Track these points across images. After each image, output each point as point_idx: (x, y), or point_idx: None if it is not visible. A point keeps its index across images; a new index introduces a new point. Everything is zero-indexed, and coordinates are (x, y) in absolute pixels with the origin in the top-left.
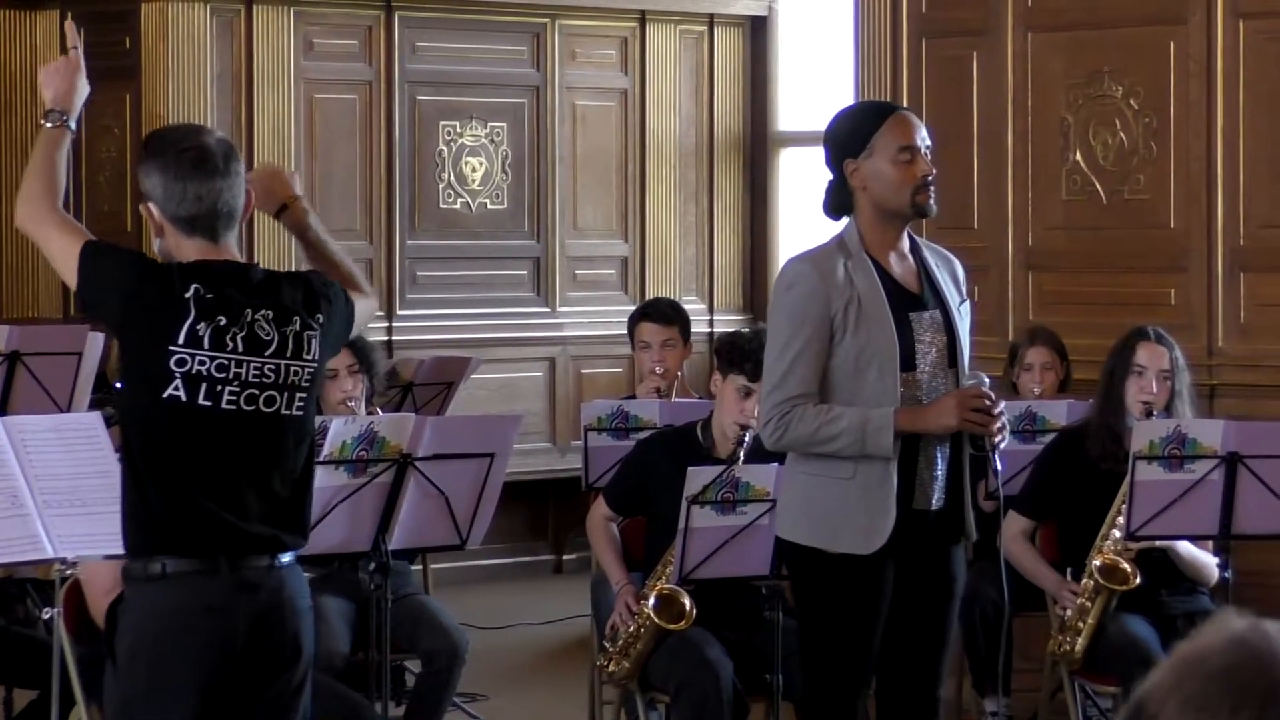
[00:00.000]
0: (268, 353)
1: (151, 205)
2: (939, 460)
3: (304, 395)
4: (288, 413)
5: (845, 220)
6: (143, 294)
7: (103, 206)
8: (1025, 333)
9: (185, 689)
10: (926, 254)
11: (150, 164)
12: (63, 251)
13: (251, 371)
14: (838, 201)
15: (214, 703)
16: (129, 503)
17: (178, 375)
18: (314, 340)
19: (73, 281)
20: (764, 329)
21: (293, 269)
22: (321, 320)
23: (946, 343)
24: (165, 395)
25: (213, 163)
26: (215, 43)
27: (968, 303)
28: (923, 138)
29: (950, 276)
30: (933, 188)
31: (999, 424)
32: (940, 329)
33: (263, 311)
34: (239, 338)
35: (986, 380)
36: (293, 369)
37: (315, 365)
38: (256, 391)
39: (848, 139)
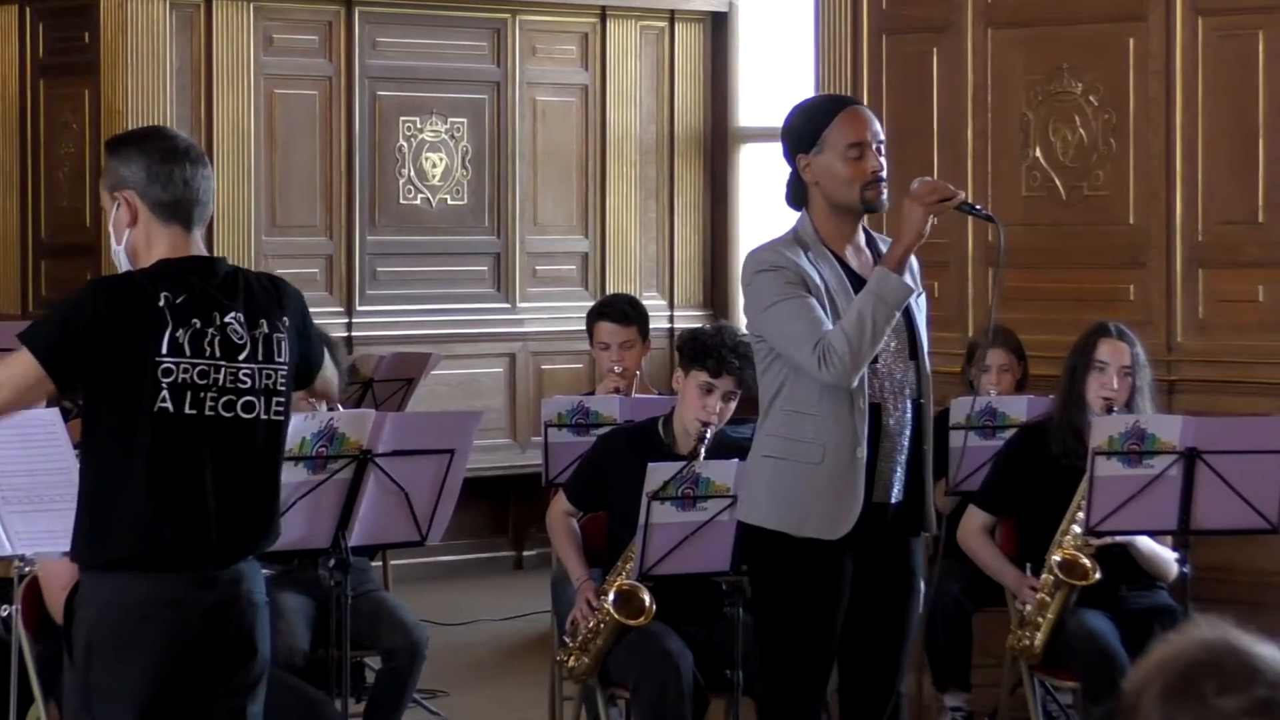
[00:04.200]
0: (242, 357)
1: (128, 193)
2: (899, 453)
3: (281, 400)
4: (266, 418)
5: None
6: (111, 313)
7: (61, 202)
8: (983, 333)
9: (141, 681)
10: (882, 247)
11: (130, 151)
12: (14, 373)
13: (228, 377)
14: (796, 195)
15: (169, 696)
16: (93, 513)
17: (165, 386)
18: (283, 342)
19: (48, 383)
20: (726, 325)
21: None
22: (287, 323)
23: (906, 334)
24: (155, 409)
25: (195, 153)
26: (175, 38)
27: (924, 295)
28: (874, 133)
29: (907, 270)
30: (883, 184)
31: (953, 190)
32: (899, 321)
33: (233, 314)
34: (215, 341)
35: (927, 177)
36: (265, 372)
37: (287, 368)
38: (234, 397)
39: (800, 134)
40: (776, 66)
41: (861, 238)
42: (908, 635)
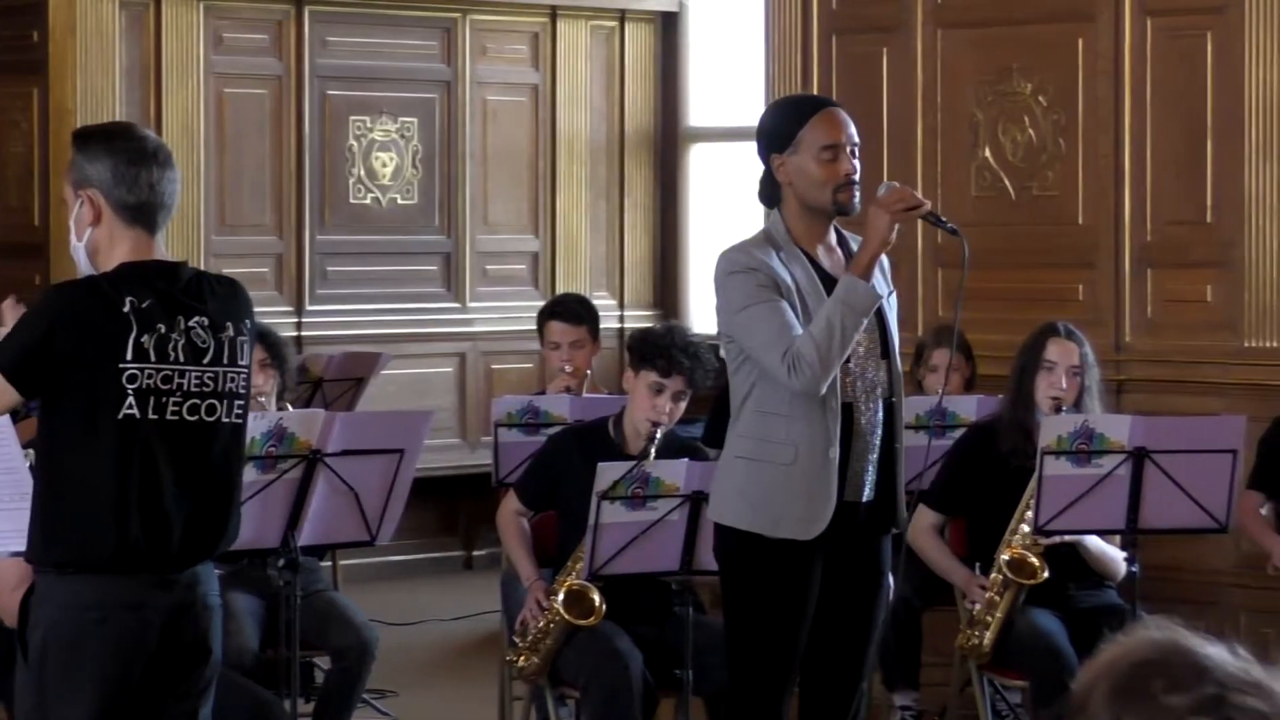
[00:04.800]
0: (205, 360)
1: (93, 191)
2: (871, 452)
3: (241, 403)
4: (228, 420)
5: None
6: (73, 320)
7: (10, 201)
8: (931, 332)
9: (97, 683)
10: (854, 246)
11: (97, 150)
12: None
13: (192, 381)
14: (768, 193)
15: (125, 698)
16: (51, 516)
17: (130, 392)
18: (244, 345)
19: (11, 393)
20: (676, 325)
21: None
22: (249, 326)
23: (878, 334)
24: (120, 416)
25: (163, 154)
26: (124, 37)
27: (894, 294)
28: (849, 135)
29: (879, 269)
30: (856, 186)
31: (920, 198)
32: (871, 320)
33: (198, 318)
34: (179, 346)
35: (895, 183)
36: (229, 375)
37: (247, 371)
38: (198, 401)
39: (775, 134)
40: (727, 66)
41: (833, 237)
42: (873, 633)
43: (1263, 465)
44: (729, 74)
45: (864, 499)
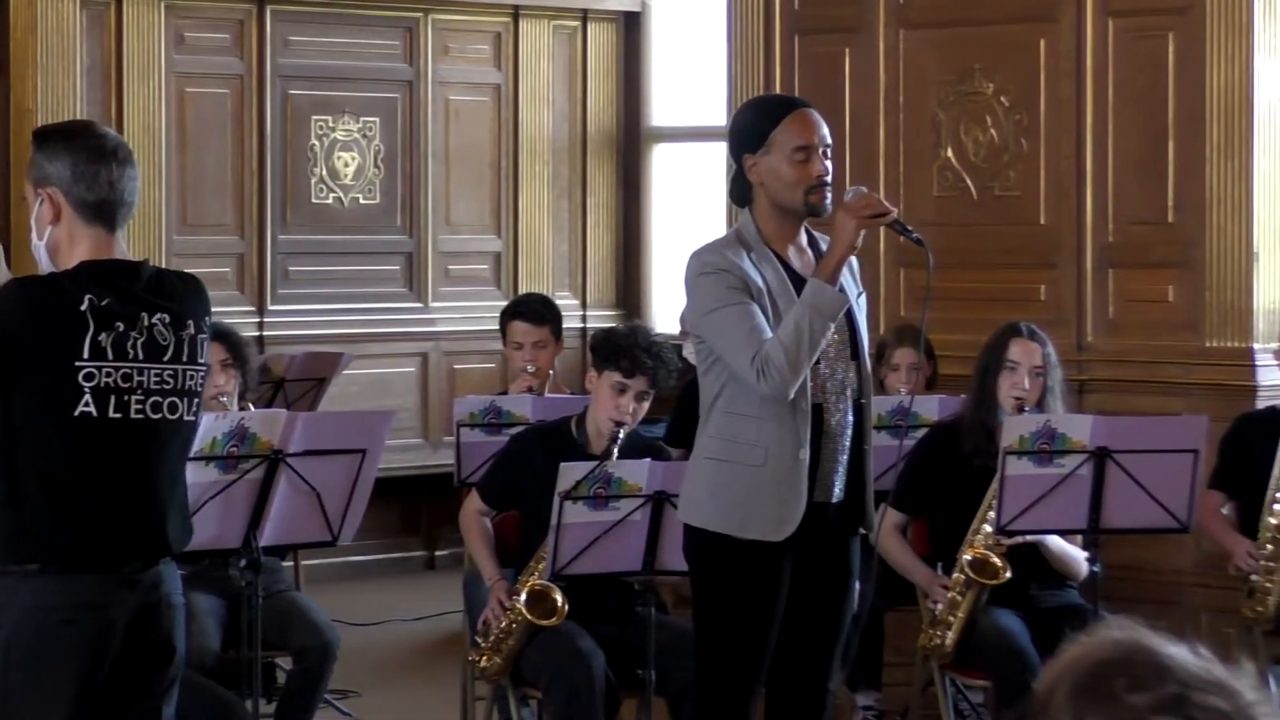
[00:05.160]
0: (165, 358)
1: (52, 190)
2: (841, 453)
3: (197, 400)
4: (190, 419)
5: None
6: (31, 317)
7: None
8: (893, 332)
9: (64, 685)
10: (825, 247)
11: (57, 147)
12: None
13: (153, 379)
14: (739, 192)
15: (92, 699)
16: (11, 515)
17: (87, 390)
18: (204, 343)
19: None
20: (639, 325)
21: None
22: (209, 323)
23: (848, 335)
24: (76, 414)
25: (123, 151)
26: (85, 36)
27: (864, 294)
28: (822, 136)
29: (848, 270)
30: (828, 188)
31: (887, 206)
32: (841, 322)
33: (159, 315)
34: (139, 344)
35: (863, 188)
36: (188, 373)
37: (205, 369)
38: (160, 399)
39: (747, 134)
40: (689, 66)
41: (804, 238)
42: (841, 634)
43: (1224, 465)
44: (691, 74)
45: (833, 500)
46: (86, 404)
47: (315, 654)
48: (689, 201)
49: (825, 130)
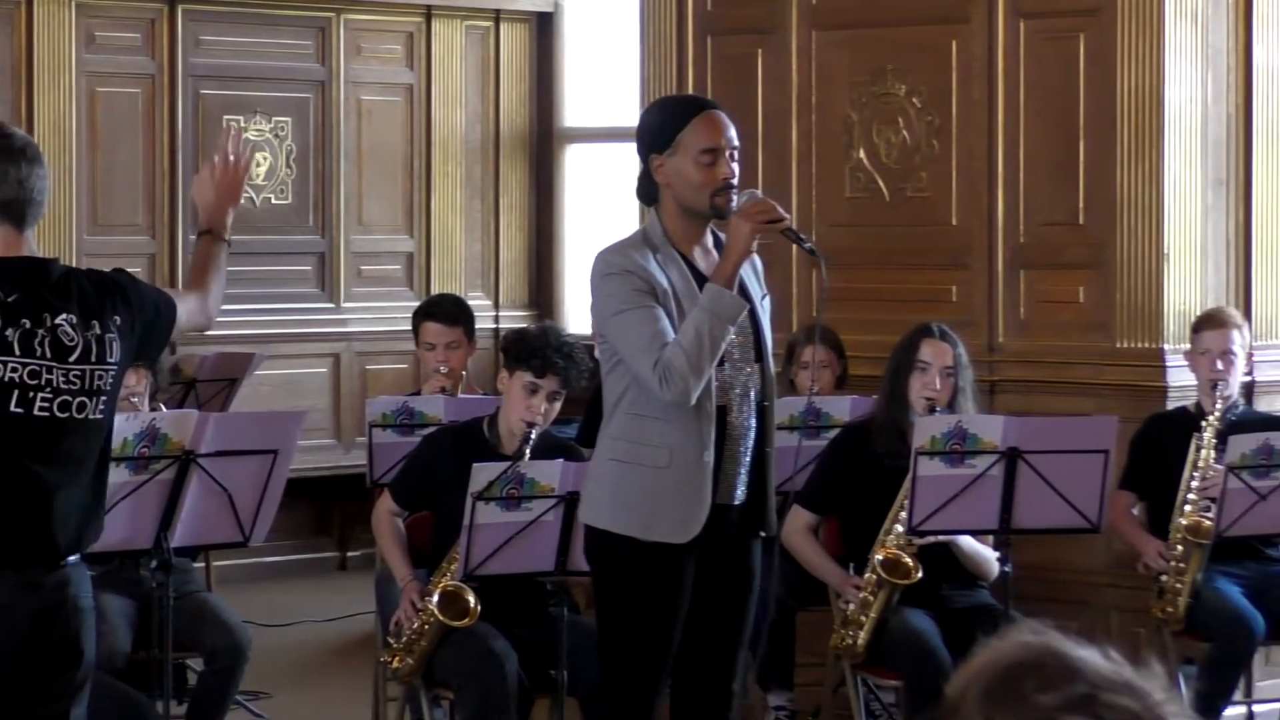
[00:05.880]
0: (72, 359)
1: None
2: (743, 455)
3: (106, 399)
4: (95, 418)
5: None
6: None
7: None
8: (803, 330)
9: None
10: None
11: None
12: None
13: (60, 378)
14: (646, 192)
15: None
16: None
17: None
18: (114, 343)
19: None
20: (551, 325)
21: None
22: (119, 322)
23: (751, 337)
24: None
25: (31, 150)
26: None
27: (768, 297)
28: (729, 139)
29: (752, 272)
30: (734, 191)
31: (781, 212)
32: (745, 324)
33: (65, 315)
34: (45, 342)
35: (757, 192)
36: (96, 373)
37: (116, 368)
38: (70, 398)
39: (654, 134)
40: (602, 67)
41: (710, 239)
42: (744, 636)
43: (1134, 466)
44: (604, 74)
45: (735, 502)
46: None
47: (227, 655)
48: (602, 202)
49: (733, 132)
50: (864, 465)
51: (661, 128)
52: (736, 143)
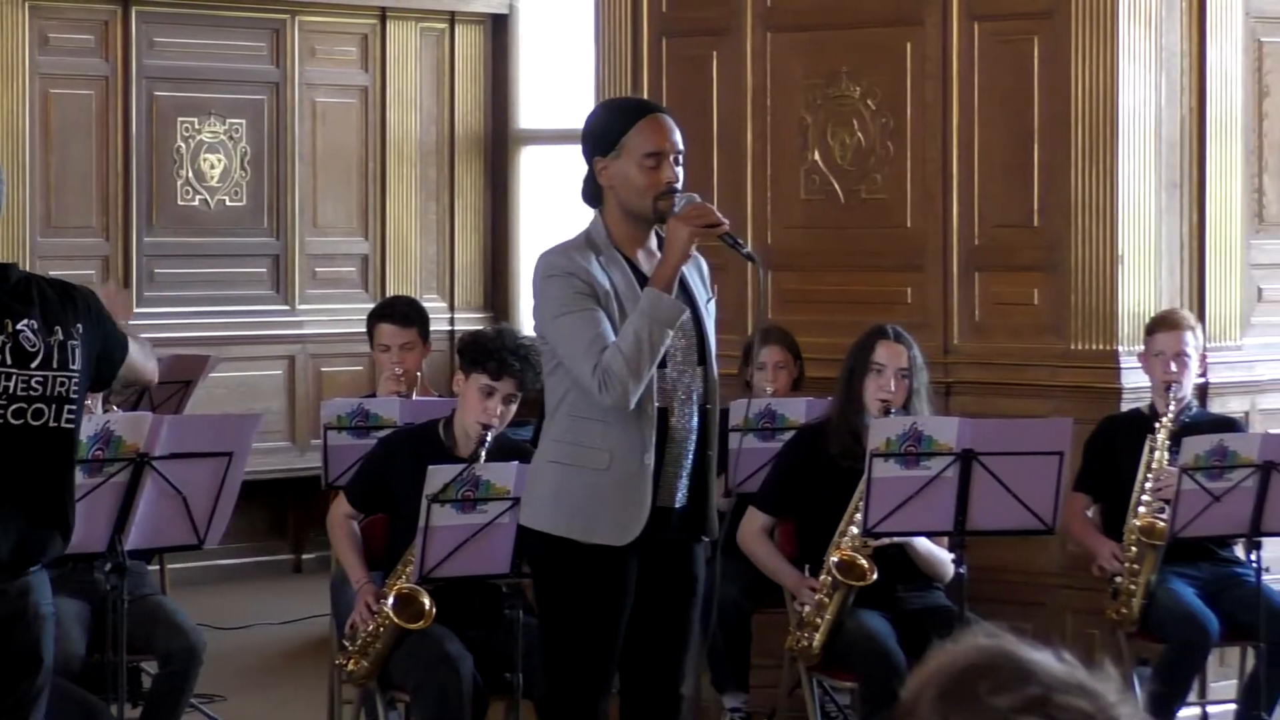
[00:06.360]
0: (34, 365)
1: None
2: (685, 458)
3: (72, 408)
4: (56, 425)
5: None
6: None
7: None
8: (759, 332)
9: None
10: None
11: None
12: None
13: (19, 384)
14: (592, 193)
15: None
16: None
17: None
18: (76, 350)
19: None
20: (506, 328)
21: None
22: (81, 330)
23: (695, 340)
24: None
25: None
26: None
27: (714, 300)
28: (674, 142)
29: (697, 274)
30: (677, 195)
31: (720, 217)
32: (688, 326)
33: (26, 320)
34: (6, 349)
35: (696, 196)
36: (59, 380)
37: (79, 375)
38: (25, 405)
39: (599, 137)
40: (557, 69)
41: (654, 242)
42: (690, 638)
43: (1089, 467)
44: (559, 76)
45: (676, 505)
46: None
47: (181, 658)
48: (557, 204)
49: (677, 136)
50: (819, 467)
51: (606, 130)
52: (681, 147)
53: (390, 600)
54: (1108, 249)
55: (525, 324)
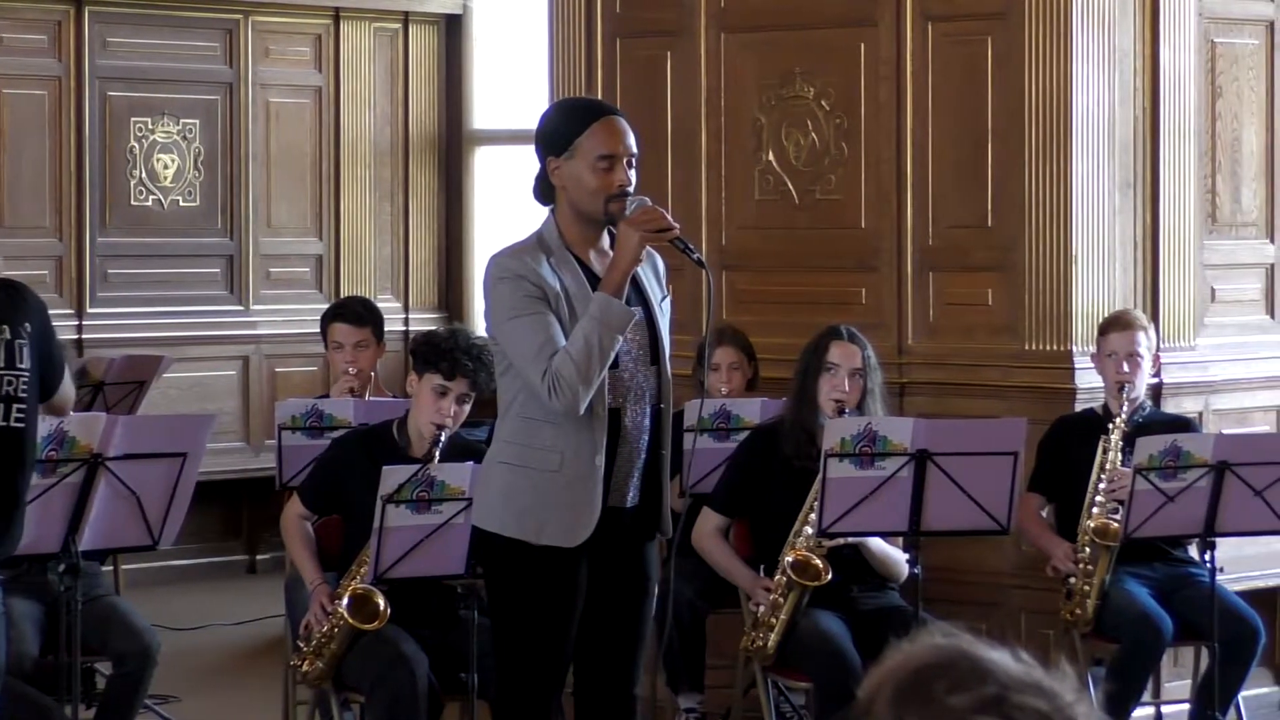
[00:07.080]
0: None
1: None
2: (637, 458)
3: (22, 406)
4: (5, 424)
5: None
6: None
7: None
8: (713, 333)
9: None
10: None
11: None
12: None
13: None
14: (545, 193)
15: None
16: None
17: None
18: (24, 349)
19: None
20: (460, 328)
21: None
22: (29, 329)
23: (648, 339)
24: None
25: None
26: None
27: (668, 299)
28: (628, 145)
29: (652, 273)
30: (629, 198)
31: (670, 222)
32: (642, 326)
33: None
34: None
35: (647, 200)
36: (7, 379)
37: (29, 374)
38: None
39: (552, 137)
40: (511, 69)
41: (606, 242)
42: (642, 639)
43: (1043, 468)
44: (513, 77)
45: (628, 505)
46: None
47: (135, 659)
48: (511, 204)
49: (631, 139)
50: (773, 467)
51: (559, 131)
52: (635, 150)
53: (345, 601)
54: (1061, 249)
55: (479, 324)
